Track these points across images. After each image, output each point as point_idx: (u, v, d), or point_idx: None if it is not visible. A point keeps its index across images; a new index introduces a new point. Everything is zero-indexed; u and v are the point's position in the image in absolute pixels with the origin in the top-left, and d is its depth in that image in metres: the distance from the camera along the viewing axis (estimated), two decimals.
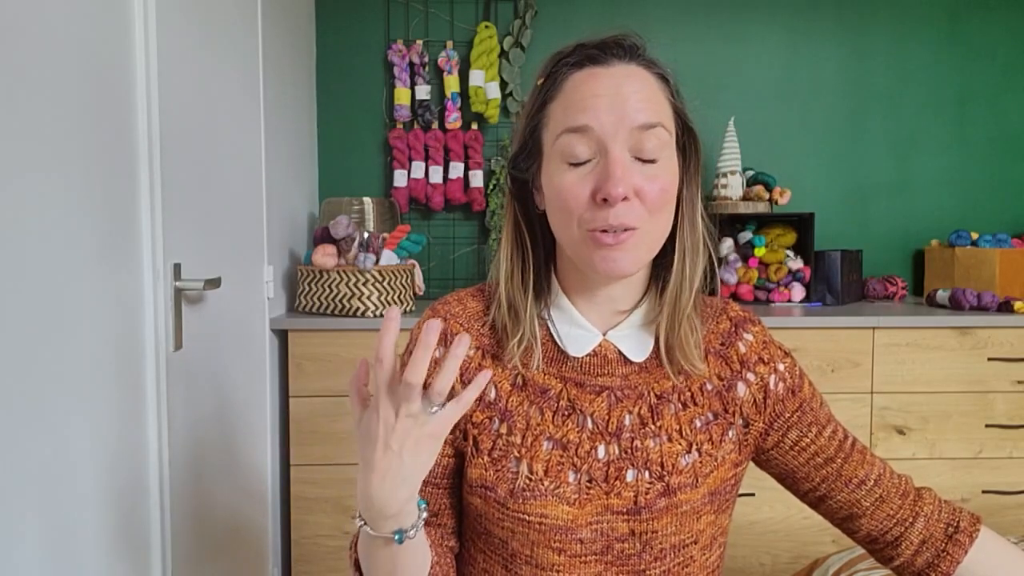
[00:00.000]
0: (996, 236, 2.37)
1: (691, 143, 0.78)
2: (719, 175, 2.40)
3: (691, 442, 0.79)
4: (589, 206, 0.72)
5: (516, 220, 0.81)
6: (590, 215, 0.72)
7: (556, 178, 0.74)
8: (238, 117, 1.65)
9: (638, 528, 0.77)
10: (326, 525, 1.98)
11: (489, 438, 0.79)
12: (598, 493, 0.77)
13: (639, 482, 0.77)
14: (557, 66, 0.76)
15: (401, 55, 2.44)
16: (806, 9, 2.55)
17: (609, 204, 0.70)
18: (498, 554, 0.80)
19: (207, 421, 1.46)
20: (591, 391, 0.79)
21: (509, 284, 0.80)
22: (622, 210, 0.71)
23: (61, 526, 0.99)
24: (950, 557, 0.79)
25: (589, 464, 0.77)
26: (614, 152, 0.71)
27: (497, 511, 0.77)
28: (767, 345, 0.85)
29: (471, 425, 0.79)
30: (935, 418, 2.07)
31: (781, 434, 0.83)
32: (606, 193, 0.70)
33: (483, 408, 0.80)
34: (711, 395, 0.81)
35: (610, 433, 0.78)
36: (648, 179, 0.72)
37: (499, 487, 0.77)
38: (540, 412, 0.79)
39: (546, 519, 0.76)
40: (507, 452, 0.78)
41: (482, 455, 0.78)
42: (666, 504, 0.77)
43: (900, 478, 0.84)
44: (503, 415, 0.79)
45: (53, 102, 0.97)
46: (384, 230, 2.17)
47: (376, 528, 0.68)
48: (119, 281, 1.14)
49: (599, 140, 0.71)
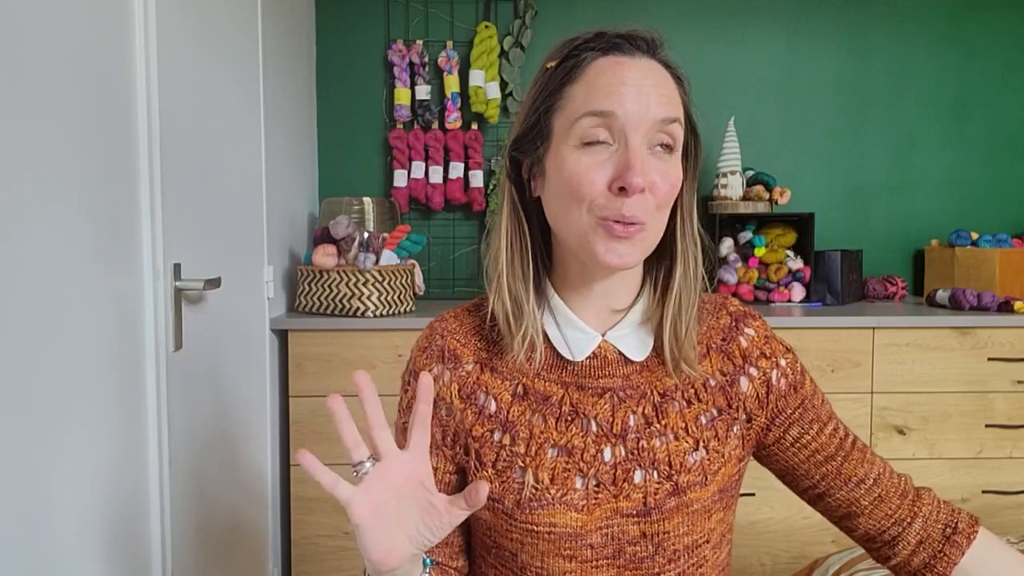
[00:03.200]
0: (996, 236, 2.37)
1: (694, 145, 0.79)
2: (719, 175, 2.40)
3: (697, 439, 0.79)
4: (603, 193, 0.71)
5: (513, 204, 0.80)
6: (603, 202, 0.71)
7: (570, 161, 0.73)
8: (238, 117, 1.65)
9: (649, 530, 0.76)
10: (326, 525, 1.98)
11: (492, 450, 0.78)
12: (607, 497, 0.76)
13: (648, 483, 0.77)
14: (578, 50, 0.75)
15: (401, 55, 2.44)
16: (806, 9, 2.55)
17: (626, 194, 0.70)
18: (508, 567, 0.80)
19: (207, 421, 1.46)
20: (593, 393, 0.79)
21: (510, 274, 0.79)
22: (636, 202, 0.70)
23: (61, 526, 0.99)
24: (947, 558, 0.79)
25: (596, 468, 0.77)
26: (635, 142, 0.71)
27: (505, 523, 0.77)
28: (769, 340, 0.85)
29: (472, 439, 0.79)
30: (935, 418, 2.07)
31: (782, 430, 0.83)
32: (626, 182, 0.69)
33: (483, 421, 0.79)
34: (714, 391, 0.81)
35: (615, 435, 0.78)
36: (661, 174, 0.72)
37: (506, 498, 0.76)
38: (543, 420, 0.78)
39: (555, 528, 0.75)
40: (511, 463, 0.77)
41: (486, 468, 0.78)
42: (676, 504, 0.77)
43: (900, 478, 0.84)
44: (504, 426, 0.78)
45: (53, 102, 0.97)
46: (384, 230, 2.17)
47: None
48: (119, 281, 1.14)
49: (621, 128, 0.71)
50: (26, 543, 0.92)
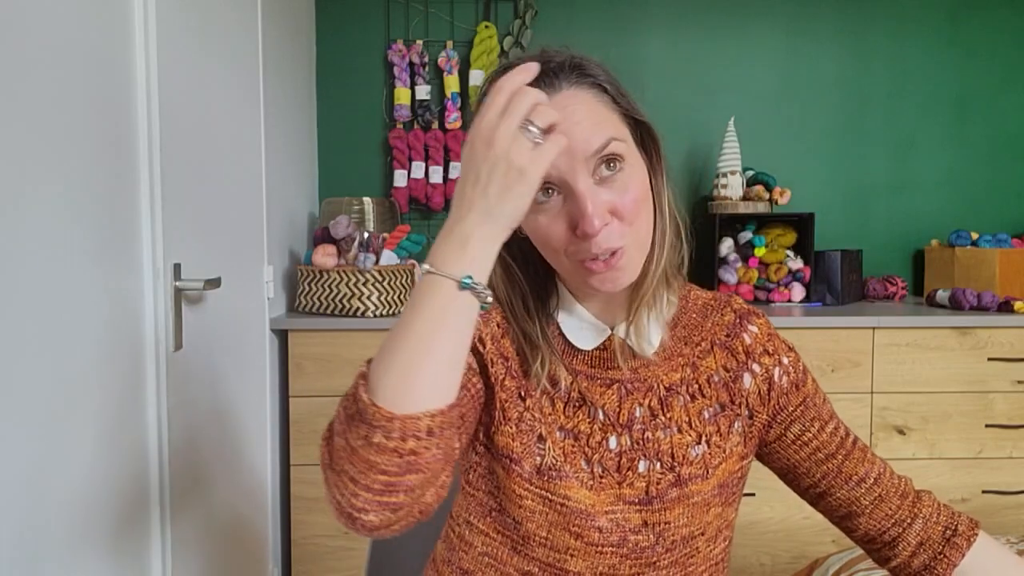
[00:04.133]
0: (996, 236, 2.37)
1: (648, 136, 0.77)
2: (719, 175, 2.40)
3: (700, 433, 0.80)
4: (570, 239, 0.72)
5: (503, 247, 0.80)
6: (574, 247, 0.72)
7: (529, 222, 0.73)
8: (238, 117, 1.65)
9: (651, 519, 0.78)
10: (326, 525, 1.98)
11: (515, 408, 0.79)
12: (610, 482, 0.78)
13: (651, 472, 0.78)
14: None
15: (401, 55, 2.44)
16: (806, 9, 2.55)
17: (589, 237, 0.70)
18: (507, 536, 0.80)
19: (207, 421, 1.46)
20: (602, 384, 0.81)
21: (511, 315, 0.81)
22: (603, 236, 0.70)
23: (61, 526, 0.99)
24: (946, 560, 0.79)
25: (600, 454, 0.78)
26: (579, 187, 0.69)
27: (519, 487, 0.77)
28: (772, 337, 0.86)
29: (501, 388, 0.79)
30: (935, 418, 2.07)
31: (784, 428, 0.84)
32: (583, 231, 0.69)
33: (511, 376, 0.80)
34: (718, 386, 0.83)
35: (621, 425, 0.79)
36: (618, 194, 0.71)
37: (524, 461, 0.77)
38: (551, 403, 0.80)
39: (568, 501, 0.76)
40: (532, 428, 0.78)
41: (509, 423, 0.78)
42: (678, 494, 0.78)
43: (900, 479, 0.84)
44: (524, 395, 0.79)
45: (53, 102, 0.97)
46: (384, 230, 2.17)
47: (446, 266, 0.62)
48: (119, 281, 1.14)
49: (560, 180, 0.70)
50: (26, 543, 0.92)
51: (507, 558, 0.80)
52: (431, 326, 0.61)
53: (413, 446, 0.59)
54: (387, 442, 0.58)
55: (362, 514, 0.60)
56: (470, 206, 0.62)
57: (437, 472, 0.62)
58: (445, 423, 0.61)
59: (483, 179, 0.62)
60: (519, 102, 0.62)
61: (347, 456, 0.60)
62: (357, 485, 0.59)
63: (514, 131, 0.61)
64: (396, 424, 0.58)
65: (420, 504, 0.62)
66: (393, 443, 0.58)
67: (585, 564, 0.77)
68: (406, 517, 0.62)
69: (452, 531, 0.86)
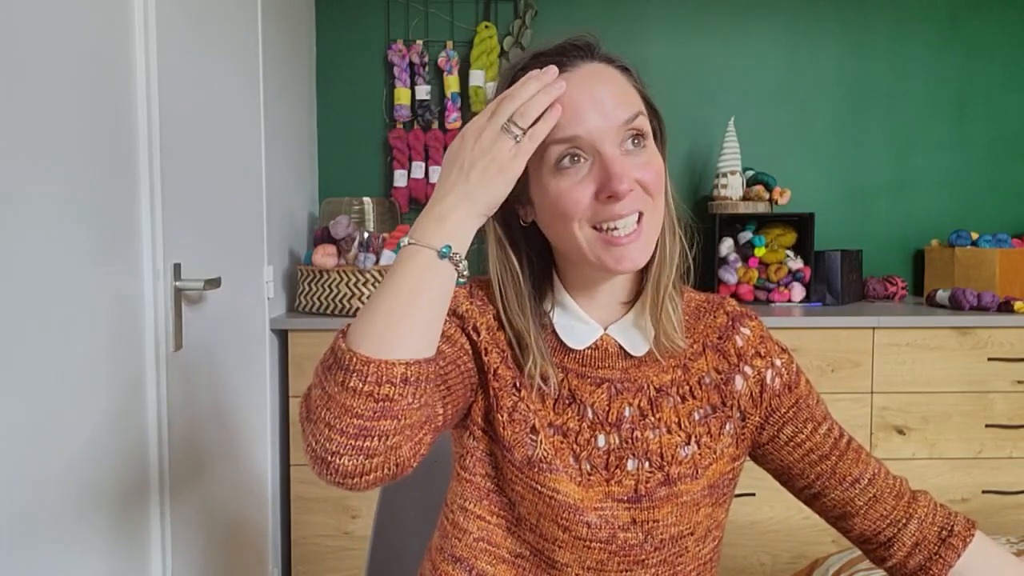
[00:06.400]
0: (996, 236, 2.37)
1: (659, 125, 0.80)
2: (719, 175, 2.40)
3: (690, 434, 0.80)
4: (591, 206, 0.73)
5: (500, 241, 0.81)
6: (596, 213, 0.73)
7: (551, 186, 0.74)
8: (238, 117, 1.66)
9: (639, 517, 0.78)
10: (326, 525, 1.98)
11: (509, 398, 0.79)
12: (599, 479, 0.78)
13: (640, 471, 0.79)
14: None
15: (401, 55, 2.44)
16: (806, 9, 2.55)
17: (615, 200, 0.72)
18: (502, 516, 0.81)
19: (207, 421, 1.46)
20: (592, 382, 0.81)
21: (505, 308, 0.81)
22: (628, 200, 0.72)
23: (61, 526, 0.99)
24: (942, 560, 0.79)
25: (589, 452, 0.79)
26: (609, 152, 0.72)
27: (511, 473, 0.78)
28: (764, 340, 0.86)
29: (494, 377, 0.79)
30: (935, 418, 2.07)
31: (776, 429, 0.84)
32: (612, 191, 0.71)
33: (506, 365, 0.80)
34: (709, 388, 0.83)
35: (610, 423, 0.80)
36: (642, 168, 0.74)
37: (515, 450, 0.78)
38: (541, 399, 0.80)
39: (557, 494, 0.77)
40: (526, 419, 0.78)
41: (503, 411, 0.79)
42: (666, 493, 0.78)
43: (896, 479, 0.84)
44: (519, 385, 0.80)
45: (53, 102, 0.97)
46: (384, 230, 2.18)
47: (425, 239, 0.67)
48: (119, 281, 1.14)
49: (590, 144, 0.72)
50: (26, 542, 0.92)
51: (501, 541, 0.81)
52: (410, 289, 0.66)
53: (388, 391, 0.62)
54: (363, 385, 0.61)
55: (335, 457, 0.62)
56: (451, 188, 0.68)
57: (415, 427, 0.64)
58: (421, 374, 0.64)
59: (466, 168, 0.68)
60: (506, 105, 0.68)
61: (323, 403, 0.63)
62: (332, 429, 0.62)
63: (498, 132, 0.68)
64: (371, 368, 0.61)
65: (396, 456, 0.63)
66: (368, 387, 0.61)
67: (573, 557, 0.78)
68: (381, 467, 0.63)
69: (446, 518, 0.86)
